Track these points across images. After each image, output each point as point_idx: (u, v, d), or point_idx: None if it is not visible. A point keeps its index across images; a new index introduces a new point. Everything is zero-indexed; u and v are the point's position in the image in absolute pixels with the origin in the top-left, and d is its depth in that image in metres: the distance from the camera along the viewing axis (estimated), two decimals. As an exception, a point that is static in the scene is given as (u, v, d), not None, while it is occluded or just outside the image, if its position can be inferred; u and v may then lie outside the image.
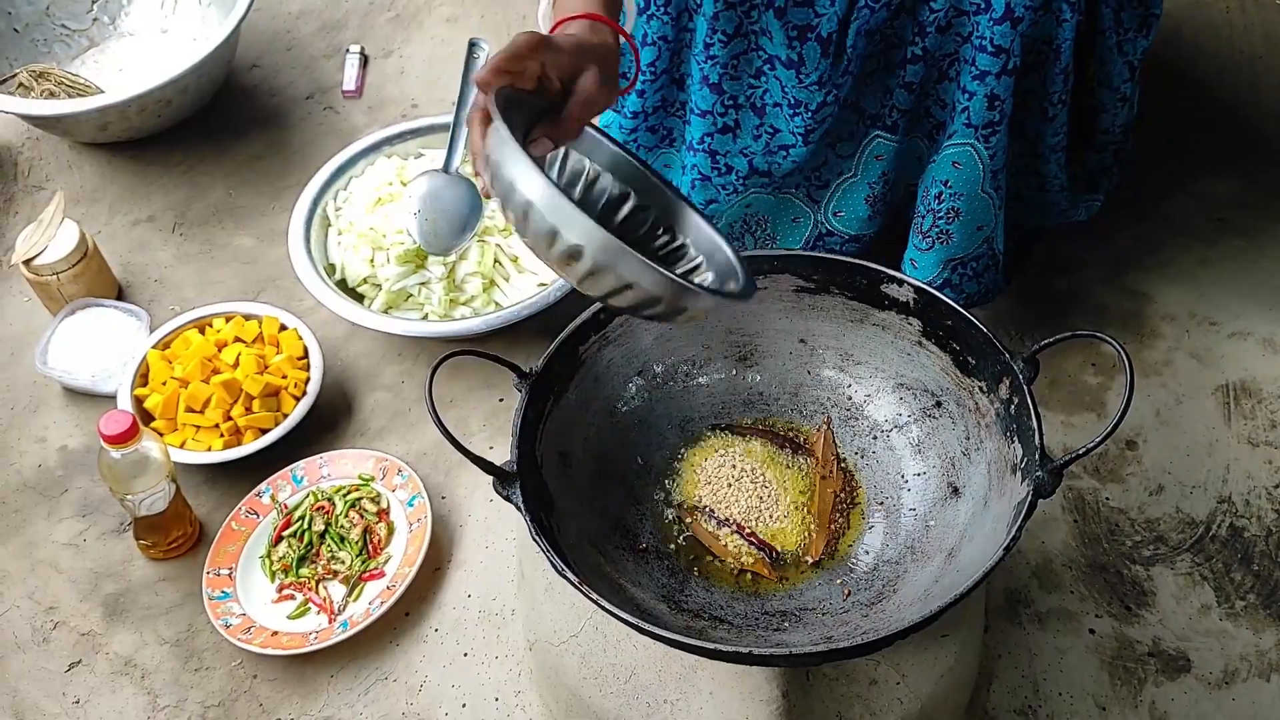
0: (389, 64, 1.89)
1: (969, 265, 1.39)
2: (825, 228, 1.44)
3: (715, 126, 1.36)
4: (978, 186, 1.31)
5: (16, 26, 1.81)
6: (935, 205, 1.34)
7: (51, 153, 1.79)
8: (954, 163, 1.30)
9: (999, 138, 1.28)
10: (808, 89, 1.28)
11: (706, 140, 1.37)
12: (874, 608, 1.08)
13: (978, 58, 1.23)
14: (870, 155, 1.36)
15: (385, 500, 1.38)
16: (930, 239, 1.36)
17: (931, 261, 1.38)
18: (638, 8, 1.32)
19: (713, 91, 1.33)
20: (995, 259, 1.40)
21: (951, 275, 1.39)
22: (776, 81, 1.30)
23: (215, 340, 1.47)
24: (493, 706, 1.25)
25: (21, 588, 1.36)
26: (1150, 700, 1.24)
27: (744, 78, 1.32)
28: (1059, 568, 1.33)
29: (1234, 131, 1.74)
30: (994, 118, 1.26)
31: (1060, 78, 1.27)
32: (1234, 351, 1.51)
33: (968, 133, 1.28)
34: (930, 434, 1.17)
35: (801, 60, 1.27)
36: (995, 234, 1.37)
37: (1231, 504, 1.38)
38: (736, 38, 1.30)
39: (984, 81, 1.24)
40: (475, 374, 1.51)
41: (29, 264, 1.52)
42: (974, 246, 1.37)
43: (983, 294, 1.43)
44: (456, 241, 1.50)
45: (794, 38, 1.26)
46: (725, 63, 1.31)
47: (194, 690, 1.28)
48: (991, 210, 1.34)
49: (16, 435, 1.49)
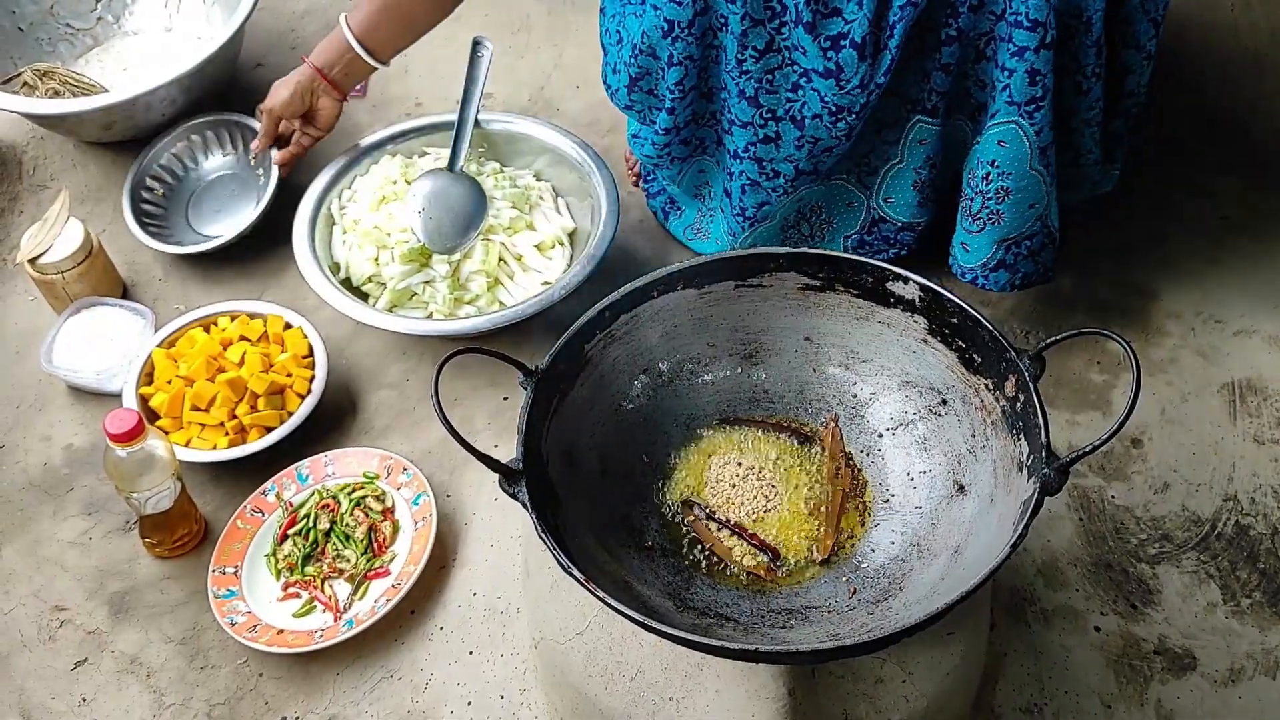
0: (394, 63, 1.89)
1: (1023, 244, 1.39)
2: (878, 214, 1.45)
3: (757, 137, 1.37)
4: (1026, 164, 1.31)
5: (21, 25, 1.81)
6: (984, 186, 1.34)
7: (56, 152, 1.79)
8: (999, 142, 1.30)
9: (1044, 113, 1.27)
10: (849, 94, 1.29)
11: (751, 149, 1.38)
12: (880, 605, 1.08)
13: (1014, 34, 1.23)
14: (914, 140, 1.36)
15: (390, 498, 1.38)
16: (981, 221, 1.37)
17: (984, 243, 1.38)
18: (661, 31, 1.33)
19: (750, 105, 1.34)
20: (1051, 237, 1.40)
21: (1006, 255, 1.39)
22: (815, 94, 1.31)
23: (220, 339, 1.47)
24: (498, 704, 1.25)
25: (27, 586, 1.37)
26: (1156, 698, 1.24)
27: (781, 91, 1.33)
28: (1065, 566, 1.33)
29: (1240, 129, 1.74)
30: (1036, 93, 1.26)
31: (1092, 50, 1.27)
32: (1240, 349, 1.51)
33: (1011, 110, 1.28)
34: (936, 432, 1.17)
35: (840, 68, 1.27)
36: (1049, 211, 1.37)
37: (1237, 502, 1.37)
38: (769, 53, 1.30)
39: (1023, 57, 1.24)
40: (480, 372, 1.51)
41: (34, 263, 1.52)
42: (1027, 225, 1.37)
43: (1039, 274, 1.43)
44: (461, 240, 1.50)
45: (828, 48, 1.27)
46: (759, 77, 1.32)
47: (199, 688, 1.28)
48: (1043, 187, 1.34)
49: (22, 434, 1.50)
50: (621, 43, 1.39)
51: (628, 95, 1.42)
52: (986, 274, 1.42)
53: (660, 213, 1.64)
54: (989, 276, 1.42)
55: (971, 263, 1.42)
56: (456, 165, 1.53)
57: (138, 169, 1.68)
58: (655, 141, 1.45)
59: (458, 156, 1.54)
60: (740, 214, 1.45)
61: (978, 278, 1.43)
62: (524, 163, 1.65)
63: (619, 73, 1.41)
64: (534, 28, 1.95)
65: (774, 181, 1.41)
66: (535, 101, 1.84)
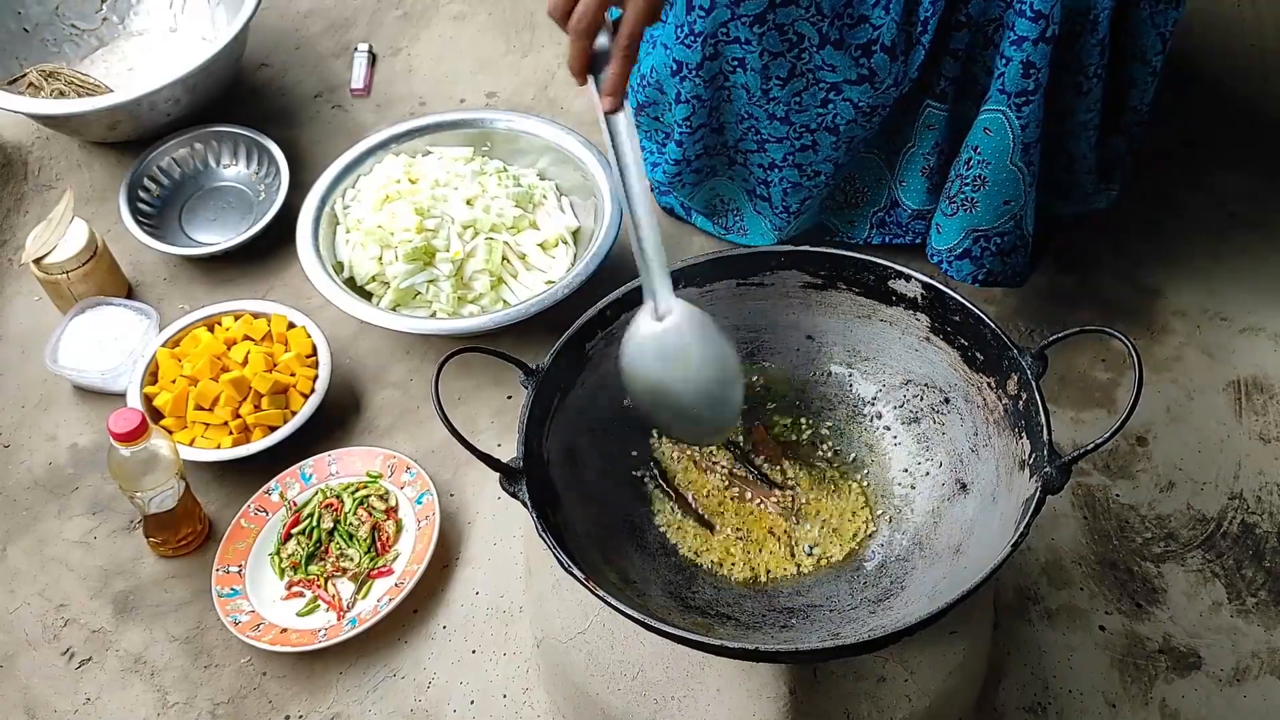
0: (397, 62, 1.90)
1: (992, 240, 1.37)
2: (894, 196, 1.45)
3: (794, 148, 1.38)
4: (1006, 157, 1.30)
5: (26, 26, 1.82)
6: (964, 171, 1.34)
7: (61, 152, 1.79)
8: (985, 129, 1.30)
9: (1032, 109, 1.26)
10: (884, 94, 1.30)
11: (789, 158, 1.39)
12: (882, 604, 1.08)
13: (1017, 23, 1.22)
14: (924, 124, 1.36)
15: (393, 498, 1.38)
16: (956, 205, 1.36)
17: (955, 228, 1.38)
18: (670, 70, 1.32)
19: (783, 124, 1.35)
20: (1023, 240, 1.39)
21: (973, 246, 1.38)
22: (847, 103, 1.31)
23: (224, 338, 1.48)
24: (500, 703, 1.25)
25: (32, 585, 1.37)
26: (1161, 698, 1.23)
27: (810, 109, 1.34)
28: (1069, 564, 1.32)
29: (1245, 126, 1.73)
30: (1028, 86, 1.25)
31: (1096, 50, 1.26)
32: (1245, 347, 1.50)
33: (1001, 99, 1.27)
34: (938, 430, 1.17)
35: (873, 73, 1.28)
36: (1024, 213, 1.36)
37: (1243, 500, 1.37)
38: (793, 78, 1.31)
39: (1020, 47, 1.23)
40: (483, 371, 1.51)
41: (39, 263, 1.53)
42: (998, 221, 1.36)
43: (1006, 275, 1.41)
44: (731, 417, 1.04)
45: (859, 56, 1.27)
46: (787, 101, 1.33)
47: (204, 687, 1.28)
48: (1020, 186, 1.33)
49: (27, 433, 1.50)
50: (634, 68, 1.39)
51: (635, 116, 1.43)
52: (951, 260, 1.40)
53: (680, 207, 1.61)
54: (953, 264, 1.41)
55: (940, 245, 1.41)
56: (662, 307, 1.00)
57: (136, 169, 1.68)
58: (667, 170, 1.46)
59: (656, 294, 1.00)
60: (784, 211, 1.47)
61: (943, 261, 1.41)
62: (527, 161, 1.65)
63: (628, 95, 1.41)
64: (538, 25, 1.95)
65: (815, 180, 1.42)
66: (539, 100, 1.84)
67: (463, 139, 1.64)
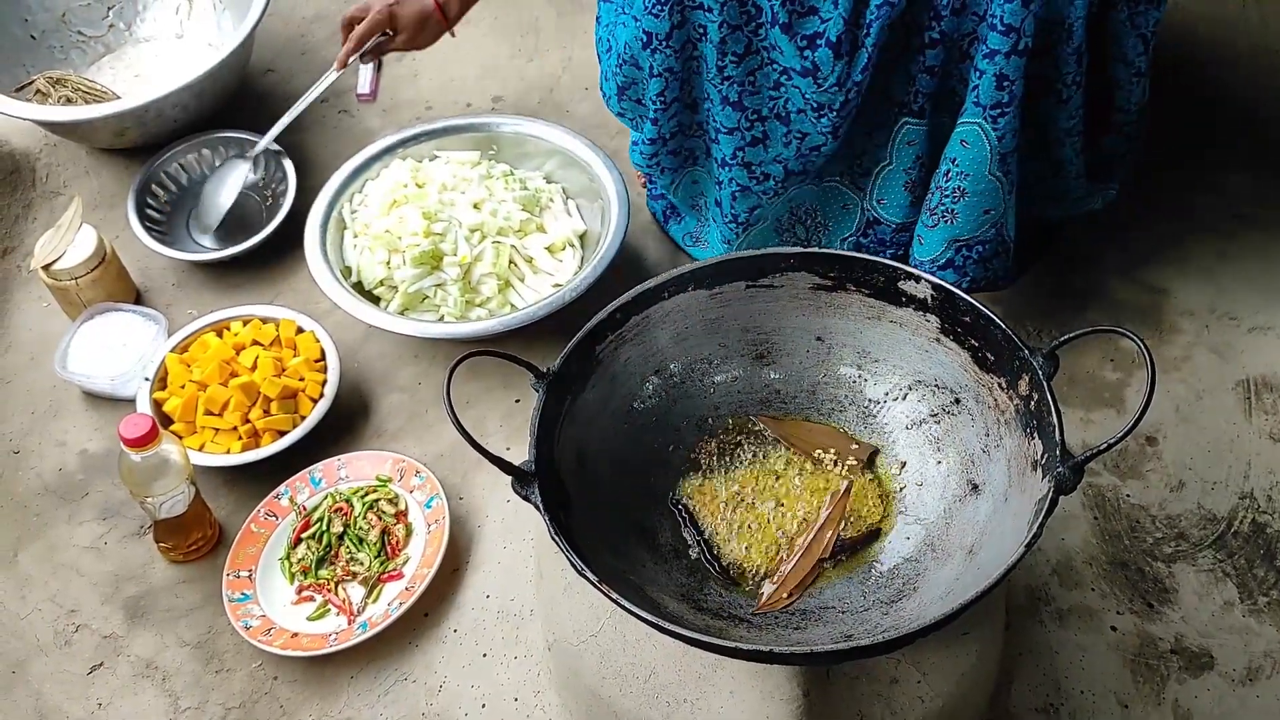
0: (403, 67, 1.90)
1: (974, 249, 1.38)
2: (872, 215, 1.44)
3: (745, 141, 1.37)
4: (985, 168, 1.31)
5: (34, 34, 1.82)
6: (943, 183, 1.34)
7: (69, 159, 1.80)
8: (962, 141, 1.30)
9: (1008, 120, 1.27)
10: (827, 92, 1.28)
11: (739, 154, 1.38)
12: (894, 606, 1.08)
13: (989, 36, 1.23)
14: (902, 141, 1.36)
15: (403, 501, 1.38)
16: (937, 216, 1.36)
17: (937, 239, 1.38)
18: (641, 42, 1.33)
19: (735, 109, 1.34)
20: (1005, 246, 1.39)
21: (955, 256, 1.38)
22: (796, 90, 1.30)
23: (233, 343, 1.48)
24: (512, 706, 1.25)
25: (43, 591, 1.37)
26: (1173, 698, 1.23)
27: (763, 91, 1.33)
28: (1080, 565, 1.32)
29: (1251, 126, 1.73)
30: (1003, 98, 1.25)
31: (1073, 59, 1.26)
32: (1254, 346, 1.50)
33: (976, 112, 1.27)
34: (949, 431, 1.17)
35: (816, 67, 1.27)
36: (1005, 220, 1.36)
37: (1253, 500, 1.37)
38: (748, 55, 1.30)
39: (993, 61, 1.23)
40: (492, 375, 1.51)
41: (48, 269, 1.53)
42: (980, 230, 1.36)
43: (989, 281, 1.42)
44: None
45: (804, 47, 1.26)
46: (741, 81, 1.32)
47: (215, 692, 1.28)
48: (1000, 195, 1.33)
49: (37, 439, 1.50)
50: (611, 51, 1.40)
51: (618, 103, 1.43)
52: (934, 270, 1.41)
53: (660, 215, 1.64)
54: (936, 274, 1.40)
55: (923, 256, 1.41)
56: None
57: (144, 175, 1.68)
58: (643, 150, 1.45)
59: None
60: (733, 220, 1.45)
61: (926, 272, 1.41)
62: (534, 165, 1.65)
63: (609, 80, 1.42)
64: (543, 30, 1.95)
65: (764, 185, 1.40)
66: (545, 104, 1.84)
67: (469, 143, 1.65)
